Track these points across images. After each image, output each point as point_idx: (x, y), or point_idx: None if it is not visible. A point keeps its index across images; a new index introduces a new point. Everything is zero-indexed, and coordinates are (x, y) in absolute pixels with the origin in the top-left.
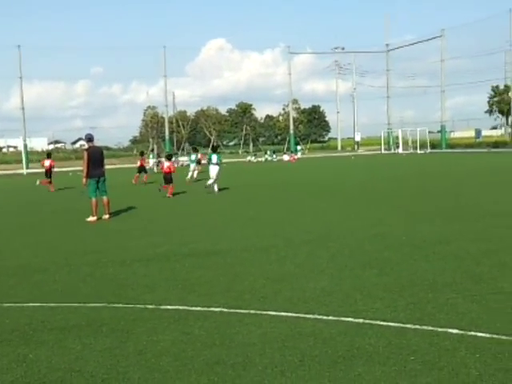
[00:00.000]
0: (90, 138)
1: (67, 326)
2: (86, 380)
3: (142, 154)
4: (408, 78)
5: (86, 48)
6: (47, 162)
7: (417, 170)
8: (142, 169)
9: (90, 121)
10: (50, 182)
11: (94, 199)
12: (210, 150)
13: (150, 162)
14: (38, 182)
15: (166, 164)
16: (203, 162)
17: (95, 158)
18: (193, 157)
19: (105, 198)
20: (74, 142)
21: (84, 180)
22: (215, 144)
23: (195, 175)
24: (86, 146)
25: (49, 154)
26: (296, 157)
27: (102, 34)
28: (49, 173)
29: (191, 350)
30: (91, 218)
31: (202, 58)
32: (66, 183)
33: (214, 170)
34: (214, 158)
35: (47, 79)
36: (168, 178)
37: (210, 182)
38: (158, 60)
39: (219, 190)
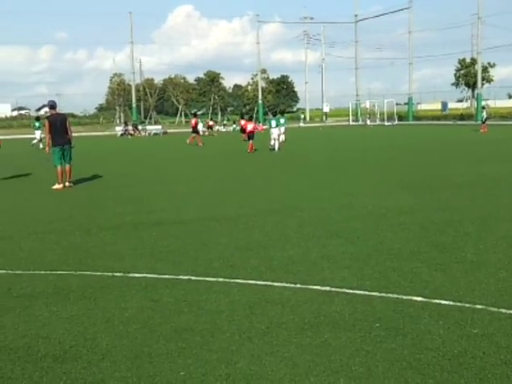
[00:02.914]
0: (52, 105)
1: (34, 294)
2: (53, 347)
3: (195, 115)
4: (376, 50)
5: (50, 12)
6: None
7: (384, 142)
8: (195, 130)
9: (55, 87)
10: None
11: (58, 167)
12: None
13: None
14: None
15: (250, 125)
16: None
17: (57, 125)
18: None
19: (67, 166)
20: (39, 109)
21: (47, 148)
22: (277, 110)
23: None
24: (48, 114)
25: None
26: (281, 130)
27: None
28: None
29: (159, 317)
30: (56, 186)
31: (170, 25)
32: (29, 151)
33: (274, 133)
34: (273, 122)
35: (10, 44)
36: (251, 136)
37: (271, 142)
38: (125, 26)
39: (278, 149)
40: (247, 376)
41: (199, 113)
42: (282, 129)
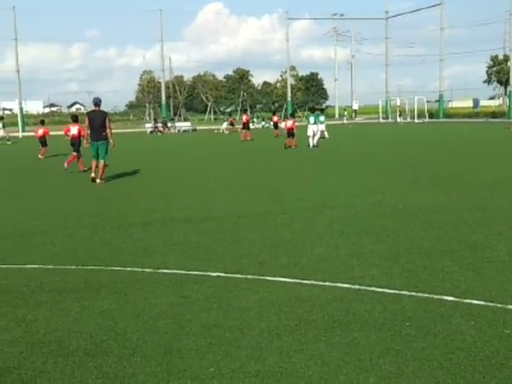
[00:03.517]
0: (96, 103)
1: (65, 288)
2: (84, 341)
3: (245, 111)
4: (407, 47)
5: (82, 10)
6: (40, 131)
7: (414, 139)
8: (246, 126)
9: (86, 84)
10: (45, 150)
11: (93, 161)
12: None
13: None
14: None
15: (290, 122)
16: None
17: (95, 122)
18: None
19: (100, 162)
20: (70, 106)
21: (85, 142)
22: (315, 106)
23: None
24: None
25: (42, 121)
26: (320, 128)
27: None
28: (43, 141)
29: (189, 313)
30: (98, 180)
31: (199, 23)
32: (62, 147)
33: (310, 129)
34: (311, 119)
35: (42, 41)
36: (291, 133)
37: (309, 139)
38: (155, 24)
39: (314, 146)
40: (276, 373)
41: (228, 110)
42: (321, 126)
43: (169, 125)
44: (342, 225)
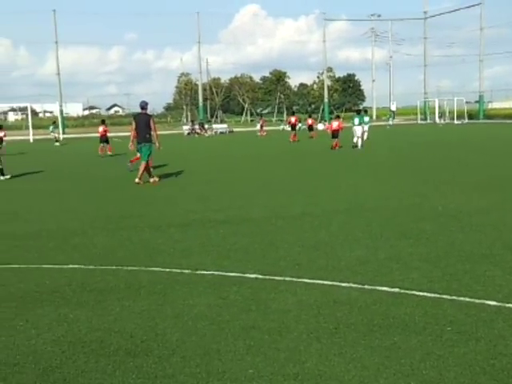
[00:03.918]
0: (142, 106)
1: (106, 288)
2: (125, 341)
3: (293, 113)
4: (446, 47)
5: (120, 13)
6: (101, 129)
7: (454, 141)
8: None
9: (124, 87)
10: (109, 148)
11: (142, 162)
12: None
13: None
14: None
15: (335, 123)
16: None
17: (140, 125)
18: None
19: (142, 163)
20: (109, 108)
21: (130, 144)
22: (361, 108)
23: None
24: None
25: (103, 121)
26: (365, 129)
27: (136, 0)
28: (104, 138)
29: (227, 315)
30: (151, 179)
31: (236, 25)
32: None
33: (357, 130)
34: (356, 120)
35: (82, 44)
36: (335, 134)
37: (354, 140)
38: (192, 26)
39: (361, 146)
40: (316, 376)
41: (264, 112)
42: (366, 127)
43: (206, 126)
44: (381, 227)
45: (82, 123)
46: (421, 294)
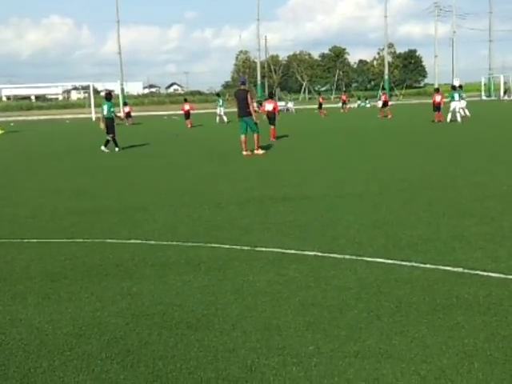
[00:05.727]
0: (242, 82)
1: (167, 263)
2: (186, 314)
3: (384, 89)
4: None
5: None
6: (186, 106)
7: None
8: (385, 104)
9: (183, 65)
10: (190, 122)
11: (242, 136)
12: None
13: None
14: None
15: (438, 97)
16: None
17: (239, 100)
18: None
19: (254, 135)
20: (168, 87)
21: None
22: (457, 84)
23: None
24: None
25: (185, 99)
26: (463, 104)
27: None
28: (188, 115)
29: (287, 291)
30: (244, 153)
31: (295, 1)
32: (160, 127)
33: (455, 105)
34: (456, 95)
35: (142, 24)
36: (438, 107)
37: (449, 116)
38: (251, 4)
39: (461, 119)
40: (376, 354)
41: (322, 89)
42: (463, 102)
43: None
44: (443, 206)
45: (142, 101)
46: (485, 273)
